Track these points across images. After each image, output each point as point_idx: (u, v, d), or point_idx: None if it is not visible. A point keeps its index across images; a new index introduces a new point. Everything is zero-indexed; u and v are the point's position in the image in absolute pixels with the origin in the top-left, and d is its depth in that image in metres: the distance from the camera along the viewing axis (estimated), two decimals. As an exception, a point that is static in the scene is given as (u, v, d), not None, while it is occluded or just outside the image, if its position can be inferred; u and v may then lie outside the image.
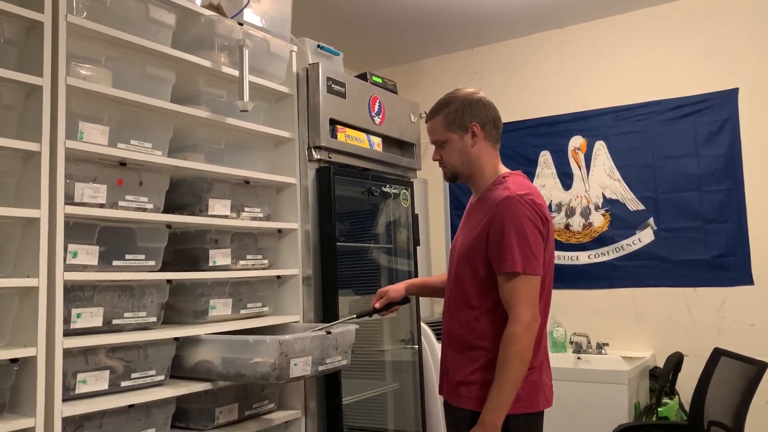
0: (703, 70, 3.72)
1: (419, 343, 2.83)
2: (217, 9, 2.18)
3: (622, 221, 3.90)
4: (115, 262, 1.82)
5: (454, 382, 1.84)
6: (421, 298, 2.91)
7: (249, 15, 2.25)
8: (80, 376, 1.70)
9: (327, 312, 2.35)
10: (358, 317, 2.18)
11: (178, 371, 2.00)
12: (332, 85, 2.45)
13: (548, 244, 1.79)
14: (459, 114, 1.88)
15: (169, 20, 1.99)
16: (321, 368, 2.00)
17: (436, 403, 2.84)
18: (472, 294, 1.82)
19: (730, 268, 3.59)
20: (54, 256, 1.62)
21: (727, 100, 3.64)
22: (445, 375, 1.91)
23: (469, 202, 2.06)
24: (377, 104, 2.70)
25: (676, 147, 3.76)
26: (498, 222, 1.74)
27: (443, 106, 1.92)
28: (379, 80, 2.82)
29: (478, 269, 1.80)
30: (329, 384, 2.32)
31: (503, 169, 1.92)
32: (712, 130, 3.67)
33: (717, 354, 2.70)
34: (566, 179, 4.10)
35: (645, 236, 3.83)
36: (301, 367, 1.92)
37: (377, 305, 2.17)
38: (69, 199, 1.69)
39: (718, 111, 3.66)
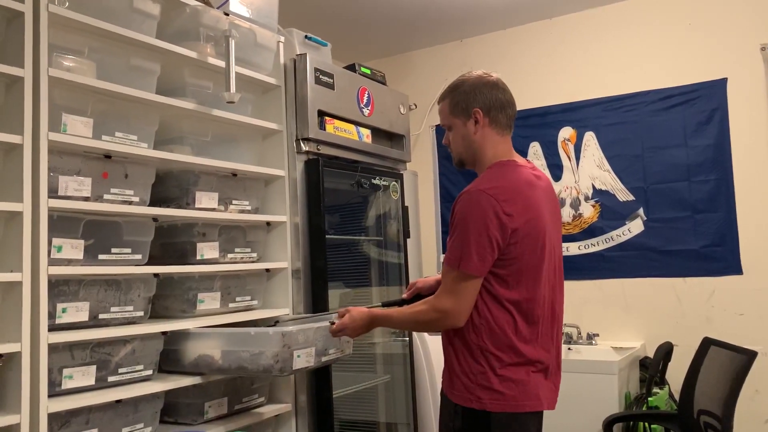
0: (691, 60, 3.72)
1: (410, 335, 2.82)
2: (203, -1, 2.15)
3: (611, 212, 3.90)
4: (101, 256, 1.79)
5: (446, 372, 1.83)
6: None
7: (235, 5, 2.23)
8: (66, 372, 1.68)
9: (317, 305, 2.34)
10: (383, 305, 2.14)
11: (177, 366, 1.99)
12: (320, 76, 2.43)
13: (520, 238, 1.71)
14: (463, 99, 1.83)
15: (153, 10, 1.97)
16: (324, 359, 1.99)
17: (427, 395, 2.84)
18: None
19: (720, 258, 3.60)
20: (38, 251, 1.60)
21: (716, 90, 3.64)
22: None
23: None
24: (366, 95, 2.68)
25: (666, 137, 3.76)
26: (454, 217, 1.75)
27: (452, 89, 1.88)
28: (368, 71, 2.80)
29: None
30: (319, 377, 2.31)
31: (505, 156, 1.84)
32: (701, 121, 3.67)
33: (706, 343, 2.70)
34: (556, 170, 4.09)
35: (635, 227, 3.83)
36: (304, 359, 1.91)
37: (405, 296, 2.11)
38: (53, 193, 1.67)
39: (707, 101, 3.66)
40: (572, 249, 4.01)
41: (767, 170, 3.51)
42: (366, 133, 2.67)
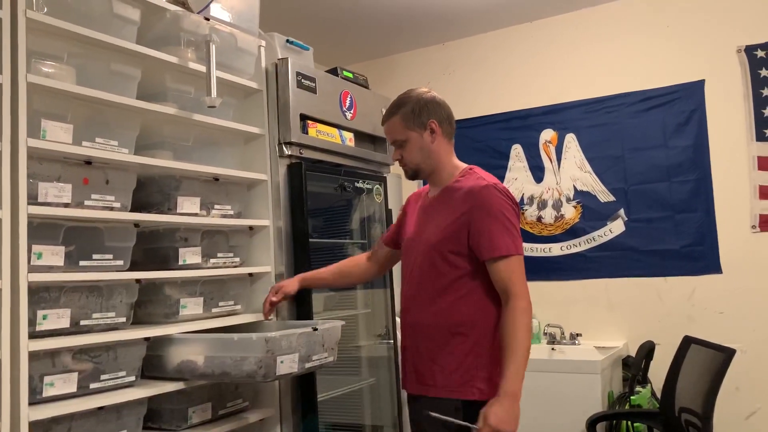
0: (670, 62, 3.77)
1: (394, 338, 2.83)
2: (183, 4, 2.14)
3: (593, 213, 3.94)
4: (82, 263, 1.78)
5: (431, 372, 1.85)
6: (396, 293, 2.90)
7: (216, 10, 2.22)
8: (47, 379, 1.66)
9: (300, 309, 2.34)
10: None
11: (160, 372, 1.98)
12: (302, 80, 2.43)
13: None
14: (417, 113, 1.96)
15: (133, 16, 1.96)
16: (308, 365, 1.98)
17: (412, 398, 2.84)
18: (446, 282, 1.87)
19: (700, 257, 3.65)
20: (17, 258, 1.58)
21: (694, 91, 3.70)
22: (415, 367, 1.92)
23: (417, 196, 2.13)
24: (348, 99, 2.69)
25: (646, 138, 3.81)
26: (481, 210, 1.83)
27: (398, 106, 2.00)
28: (350, 75, 2.80)
29: (455, 257, 1.86)
30: (304, 381, 2.31)
31: (461, 163, 2.02)
32: (680, 122, 3.73)
33: (687, 342, 2.74)
34: (538, 172, 4.13)
35: (616, 227, 3.87)
36: (287, 365, 1.90)
37: (274, 299, 2.18)
38: (32, 199, 1.65)
39: (686, 102, 3.72)
40: (555, 250, 4.04)
41: (744, 170, 3.57)
42: (349, 136, 2.68)
